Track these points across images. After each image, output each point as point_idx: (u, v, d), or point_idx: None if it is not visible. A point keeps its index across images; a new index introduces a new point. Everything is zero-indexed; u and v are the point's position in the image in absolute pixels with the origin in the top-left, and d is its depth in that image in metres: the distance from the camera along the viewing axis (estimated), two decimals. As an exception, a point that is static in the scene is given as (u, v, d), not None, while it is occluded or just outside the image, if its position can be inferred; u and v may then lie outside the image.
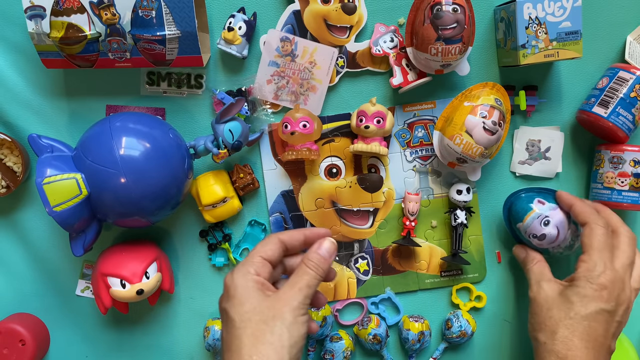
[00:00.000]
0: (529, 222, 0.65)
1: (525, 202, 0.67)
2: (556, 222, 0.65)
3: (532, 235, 0.65)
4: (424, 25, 0.64)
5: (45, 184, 0.58)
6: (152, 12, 0.61)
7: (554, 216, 0.65)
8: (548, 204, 0.66)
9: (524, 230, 0.66)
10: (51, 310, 0.74)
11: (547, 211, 0.65)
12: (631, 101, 0.68)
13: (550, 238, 0.65)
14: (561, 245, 0.66)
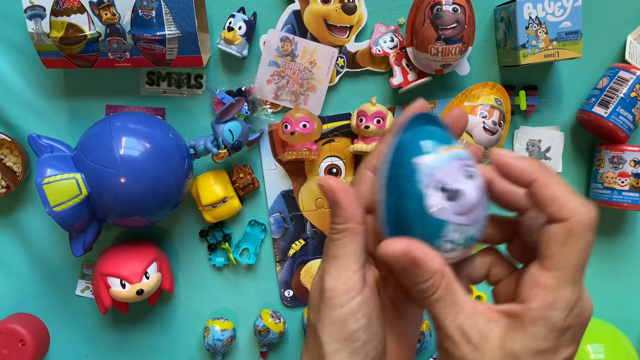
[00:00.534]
0: (438, 161, 0.30)
1: (438, 132, 0.33)
2: (480, 184, 0.31)
3: (441, 187, 0.30)
4: (424, 25, 0.64)
5: (45, 184, 0.58)
6: (152, 12, 0.61)
7: (477, 175, 0.32)
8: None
9: (424, 175, 0.30)
10: (51, 311, 0.74)
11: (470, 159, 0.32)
12: (631, 101, 0.68)
13: (466, 204, 0.30)
14: (457, 239, 0.31)
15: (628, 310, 0.77)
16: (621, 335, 0.73)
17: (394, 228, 0.31)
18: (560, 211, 0.29)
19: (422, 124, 0.33)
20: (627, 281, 0.77)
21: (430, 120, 0.33)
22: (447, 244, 0.30)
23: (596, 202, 0.72)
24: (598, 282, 0.76)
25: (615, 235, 0.76)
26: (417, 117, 0.33)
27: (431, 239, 0.30)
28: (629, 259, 0.76)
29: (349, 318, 0.31)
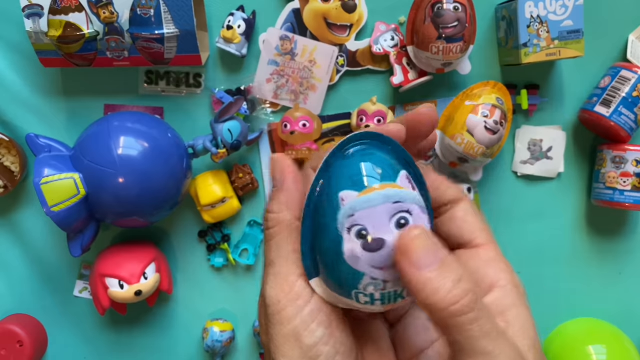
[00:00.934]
0: (366, 201, 0.25)
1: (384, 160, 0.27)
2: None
3: (359, 233, 0.25)
4: (425, 24, 0.63)
5: (43, 184, 0.58)
6: (150, 10, 0.61)
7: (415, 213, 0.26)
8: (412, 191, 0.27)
9: (345, 215, 0.25)
10: (49, 311, 0.74)
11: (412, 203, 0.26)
12: (633, 100, 0.67)
13: (387, 258, 0.25)
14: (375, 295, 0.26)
15: (630, 311, 0.77)
16: (623, 336, 0.73)
17: (310, 259, 0.27)
18: (454, 192, 0.30)
19: (370, 147, 0.27)
20: (629, 281, 0.76)
21: (383, 143, 0.27)
22: (363, 297, 0.25)
23: (598, 202, 0.71)
24: (600, 283, 0.76)
25: (617, 236, 0.76)
26: (364, 136, 0.27)
27: (347, 289, 0.26)
28: (631, 259, 0.76)
29: (302, 332, 0.26)
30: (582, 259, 0.76)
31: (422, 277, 0.23)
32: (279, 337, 0.26)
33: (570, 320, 0.76)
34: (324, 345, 0.26)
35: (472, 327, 0.23)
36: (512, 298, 0.27)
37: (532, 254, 0.75)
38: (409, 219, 0.25)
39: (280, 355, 0.26)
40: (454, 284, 0.23)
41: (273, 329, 0.27)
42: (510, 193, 0.73)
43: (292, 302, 0.26)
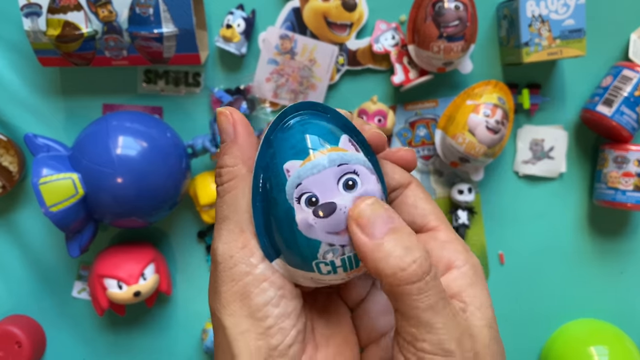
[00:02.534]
0: (311, 167, 0.25)
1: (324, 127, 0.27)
2: (363, 194, 0.25)
3: (309, 200, 0.25)
4: (426, 23, 0.63)
5: (42, 184, 0.58)
6: (149, 9, 0.61)
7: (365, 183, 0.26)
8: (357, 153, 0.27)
9: (292, 185, 0.25)
10: (47, 312, 0.73)
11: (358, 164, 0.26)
12: (635, 100, 0.67)
13: (340, 221, 0.25)
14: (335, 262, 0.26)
15: (632, 311, 0.76)
16: (625, 337, 0.73)
17: (267, 239, 0.26)
18: (402, 175, 0.29)
19: (308, 117, 0.27)
20: (631, 281, 0.76)
21: (321, 112, 0.27)
22: (324, 266, 0.25)
23: (600, 202, 0.71)
24: (601, 283, 0.76)
25: (619, 235, 0.75)
26: (301, 107, 0.27)
27: (307, 260, 0.25)
28: (633, 259, 0.76)
29: (252, 290, 0.25)
30: (583, 259, 0.75)
31: (372, 243, 0.23)
32: (227, 295, 0.25)
33: (572, 321, 0.75)
34: (274, 306, 0.25)
35: (418, 297, 0.23)
36: (469, 278, 0.26)
37: (533, 254, 0.74)
38: (356, 180, 0.25)
39: (226, 314, 0.25)
40: (405, 251, 0.23)
41: (222, 286, 0.25)
42: (511, 193, 0.73)
43: (245, 258, 0.25)
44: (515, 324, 0.75)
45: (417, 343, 0.23)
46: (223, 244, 0.25)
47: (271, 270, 0.26)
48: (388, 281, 0.23)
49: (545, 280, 0.75)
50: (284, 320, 0.25)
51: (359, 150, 0.26)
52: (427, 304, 0.23)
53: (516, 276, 0.74)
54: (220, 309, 0.25)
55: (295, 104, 0.27)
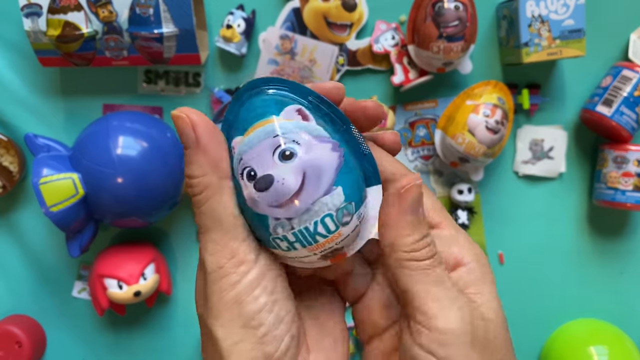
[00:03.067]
0: (248, 142, 0.25)
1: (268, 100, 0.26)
2: (305, 163, 0.24)
3: (248, 174, 0.25)
4: (426, 23, 0.63)
5: (42, 184, 0.58)
6: (149, 9, 0.61)
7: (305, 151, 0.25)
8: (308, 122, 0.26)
9: (236, 160, 0.25)
10: (47, 312, 0.73)
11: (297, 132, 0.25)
12: (635, 100, 0.67)
13: (280, 194, 0.24)
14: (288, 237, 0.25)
15: (632, 311, 0.76)
16: (625, 337, 0.73)
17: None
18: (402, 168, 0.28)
19: (260, 91, 0.26)
20: (631, 281, 0.76)
21: (276, 85, 0.26)
22: (280, 241, 0.25)
23: (599, 202, 0.71)
24: (601, 283, 0.76)
25: (619, 236, 0.76)
26: (256, 84, 0.26)
27: (264, 237, 0.25)
28: (633, 259, 0.76)
29: (244, 298, 0.24)
30: (583, 259, 0.75)
31: (403, 219, 0.25)
32: (218, 305, 0.24)
33: (572, 321, 0.75)
34: (267, 312, 0.24)
35: (426, 271, 0.24)
36: (476, 274, 0.27)
37: (533, 254, 0.74)
38: (295, 149, 0.24)
39: (218, 324, 0.24)
40: (423, 237, 0.25)
41: (213, 296, 0.25)
42: (511, 193, 0.73)
43: (235, 267, 0.24)
44: (515, 323, 0.75)
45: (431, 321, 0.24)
46: (210, 255, 0.25)
47: (262, 274, 0.25)
48: (399, 258, 0.25)
49: (545, 280, 0.75)
50: (278, 326, 0.25)
51: (307, 119, 0.25)
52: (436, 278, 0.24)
53: (516, 276, 0.74)
54: (211, 320, 0.25)
55: (250, 81, 0.26)
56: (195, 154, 0.24)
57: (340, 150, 0.25)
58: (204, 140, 0.24)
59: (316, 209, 0.24)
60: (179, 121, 0.24)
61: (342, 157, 0.25)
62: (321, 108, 0.26)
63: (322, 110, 0.26)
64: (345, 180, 0.24)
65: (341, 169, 0.24)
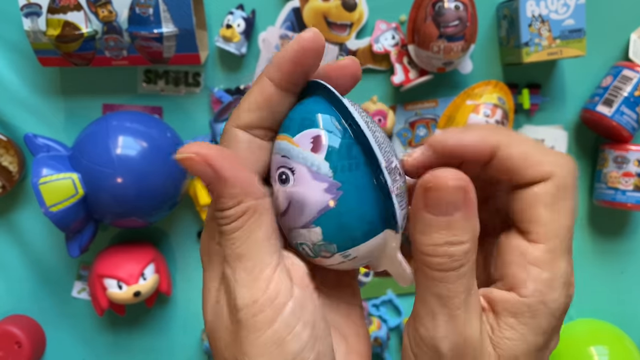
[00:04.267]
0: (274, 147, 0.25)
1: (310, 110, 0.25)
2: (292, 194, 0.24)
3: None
4: (426, 23, 0.63)
5: (42, 184, 0.58)
6: (149, 9, 0.61)
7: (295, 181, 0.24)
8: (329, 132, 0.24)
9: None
10: (47, 312, 0.73)
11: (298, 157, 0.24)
12: (635, 100, 0.67)
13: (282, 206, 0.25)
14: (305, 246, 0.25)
15: (632, 312, 0.76)
16: (625, 337, 0.73)
17: None
18: (542, 168, 0.23)
19: (316, 100, 0.25)
20: (631, 282, 0.76)
21: (326, 97, 0.25)
22: (301, 248, 0.25)
23: (600, 202, 0.71)
24: (601, 283, 0.76)
25: (619, 236, 0.75)
26: (316, 88, 0.25)
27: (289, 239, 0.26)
28: (633, 259, 0.76)
29: (286, 337, 0.22)
30: (583, 259, 0.75)
31: (424, 217, 0.22)
32: (256, 347, 0.22)
33: (572, 321, 0.75)
34: (310, 350, 0.22)
35: (433, 282, 0.22)
36: (520, 313, 0.22)
37: (533, 254, 0.74)
38: (290, 177, 0.24)
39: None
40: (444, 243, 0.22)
41: (247, 337, 0.22)
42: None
43: (271, 301, 0.22)
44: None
45: (417, 323, 0.23)
46: (243, 287, 0.22)
47: (301, 306, 0.22)
48: (417, 253, 0.23)
49: (545, 280, 0.75)
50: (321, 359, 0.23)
51: (319, 151, 0.23)
52: (438, 293, 0.22)
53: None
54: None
55: (312, 82, 0.25)
56: (223, 187, 0.22)
57: (335, 193, 0.23)
58: (225, 171, 0.22)
59: (295, 234, 0.24)
60: (189, 163, 0.22)
61: (336, 200, 0.23)
62: (353, 140, 0.24)
63: (351, 142, 0.24)
64: (330, 222, 0.23)
65: (327, 212, 0.23)
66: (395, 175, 0.24)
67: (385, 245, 0.24)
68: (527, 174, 0.23)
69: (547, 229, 0.23)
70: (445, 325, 0.22)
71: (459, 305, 0.22)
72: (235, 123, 0.24)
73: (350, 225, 0.24)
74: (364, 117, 0.24)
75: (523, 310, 0.22)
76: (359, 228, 0.24)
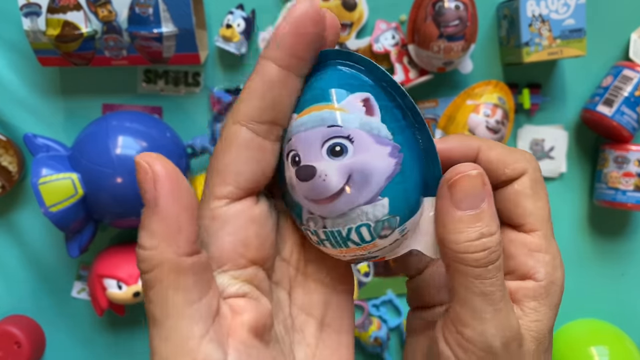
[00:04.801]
0: (304, 123, 0.22)
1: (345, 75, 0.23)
2: (354, 164, 0.21)
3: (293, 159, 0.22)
4: (426, 22, 0.63)
5: (41, 184, 0.58)
6: (149, 9, 0.61)
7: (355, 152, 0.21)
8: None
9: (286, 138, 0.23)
10: (47, 312, 0.73)
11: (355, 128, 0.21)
12: (636, 100, 0.67)
13: (319, 190, 0.22)
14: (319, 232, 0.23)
15: (632, 312, 0.76)
16: (625, 337, 0.73)
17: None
18: (517, 165, 0.24)
19: (335, 65, 0.22)
20: (632, 282, 0.76)
21: (356, 62, 0.22)
22: (310, 234, 0.23)
23: (600, 202, 0.71)
24: (602, 284, 0.76)
25: (619, 236, 0.75)
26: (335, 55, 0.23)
27: (298, 222, 0.23)
28: (634, 259, 0.76)
29: None
30: (584, 259, 0.75)
31: (455, 215, 0.22)
32: None
33: (572, 321, 0.75)
34: None
35: (475, 280, 0.22)
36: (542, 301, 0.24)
37: (533, 254, 0.74)
38: (347, 147, 0.21)
39: None
40: (478, 236, 0.22)
41: None
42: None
43: None
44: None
45: (460, 326, 0.22)
46: (160, 358, 0.19)
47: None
48: (450, 255, 0.22)
49: (545, 280, 0.75)
50: None
51: (373, 114, 0.21)
52: (482, 290, 0.22)
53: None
54: None
55: (325, 51, 0.22)
56: (149, 218, 0.19)
57: (398, 157, 0.21)
58: (163, 200, 0.19)
59: (353, 215, 0.22)
60: (139, 169, 0.19)
61: (399, 164, 0.21)
62: (394, 97, 0.22)
63: (394, 101, 0.22)
64: (396, 191, 0.21)
65: (393, 178, 0.21)
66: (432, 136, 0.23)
67: (423, 215, 0.23)
68: (506, 173, 0.24)
69: (536, 218, 0.25)
70: (493, 322, 0.22)
71: (500, 298, 0.22)
72: (234, 118, 0.22)
73: (410, 192, 0.22)
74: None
75: (541, 293, 0.24)
76: (415, 195, 0.22)
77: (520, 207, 0.25)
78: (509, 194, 0.25)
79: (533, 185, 0.25)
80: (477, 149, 0.25)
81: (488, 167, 0.24)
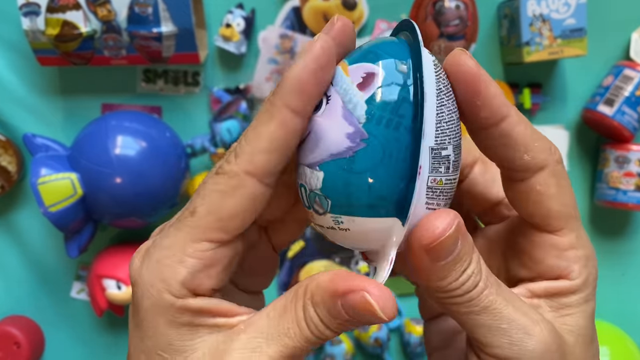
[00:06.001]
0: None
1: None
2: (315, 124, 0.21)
3: None
4: (426, 22, 0.63)
5: (40, 184, 0.58)
6: (148, 8, 0.61)
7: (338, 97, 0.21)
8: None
9: None
10: (46, 313, 0.73)
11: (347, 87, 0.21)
12: (636, 99, 0.67)
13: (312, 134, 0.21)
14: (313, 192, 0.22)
15: (633, 312, 0.76)
16: (626, 338, 0.73)
17: None
18: (538, 156, 0.23)
19: (393, 40, 0.22)
20: (632, 282, 0.76)
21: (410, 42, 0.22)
22: (301, 191, 0.23)
23: (601, 202, 0.71)
24: (602, 284, 0.74)
25: (620, 236, 0.75)
26: (405, 27, 0.22)
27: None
28: (634, 260, 0.76)
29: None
30: (584, 259, 0.75)
31: (436, 267, 0.21)
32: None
33: (573, 322, 0.75)
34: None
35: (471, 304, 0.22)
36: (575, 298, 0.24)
37: (534, 254, 0.74)
38: (322, 105, 0.21)
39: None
40: (460, 273, 0.21)
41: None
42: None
43: None
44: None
45: (489, 350, 0.22)
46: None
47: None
48: (440, 298, 0.22)
49: (546, 280, 0.75)
50: None
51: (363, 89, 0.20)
52: (484, 308, 0.22)
53: (517, 276, 0.74)
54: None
55: (404, 21, 0.22)
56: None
57: (356, 143, 0.20)
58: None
59: (300, 171, 0.22)
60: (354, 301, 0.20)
61: (353, 151, 0.20)
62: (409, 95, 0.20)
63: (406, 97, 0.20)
64: (335, 173, 0.20)
65: (339, 159, 0.20)
66: (439, 165, 0.20)
67: (387, 235, 0.21)
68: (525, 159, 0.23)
69: (562, 215, 0.23)
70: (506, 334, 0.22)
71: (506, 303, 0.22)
72: (247, 168, 0.20)
73: (356, 188, 0.20)
74: (441, 83, 0.21)
75: (577, 289, 0.24)
76: (365, 197, 0.20)
77: (544, 208, 0.23)
78: (530, 193, 0.23)
79: (556, 181, 0.23)
80: (506, 114, 0.22)
81: (506, 143, 0.22)
